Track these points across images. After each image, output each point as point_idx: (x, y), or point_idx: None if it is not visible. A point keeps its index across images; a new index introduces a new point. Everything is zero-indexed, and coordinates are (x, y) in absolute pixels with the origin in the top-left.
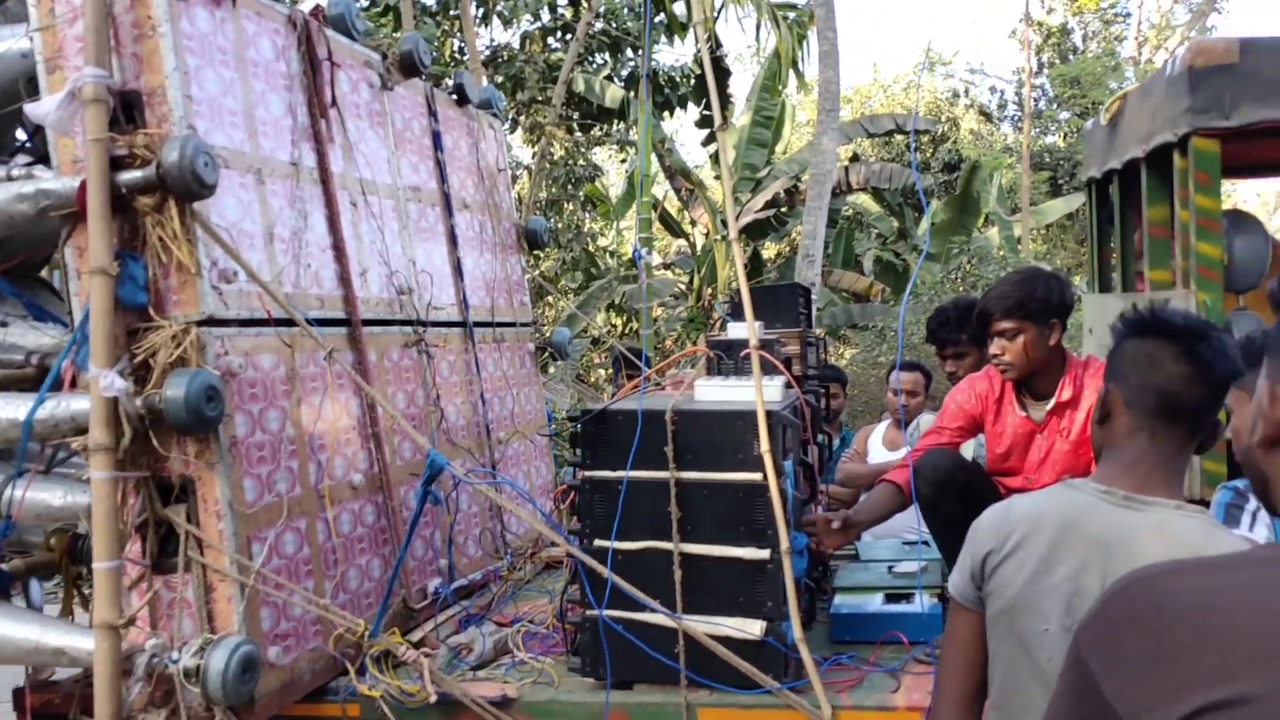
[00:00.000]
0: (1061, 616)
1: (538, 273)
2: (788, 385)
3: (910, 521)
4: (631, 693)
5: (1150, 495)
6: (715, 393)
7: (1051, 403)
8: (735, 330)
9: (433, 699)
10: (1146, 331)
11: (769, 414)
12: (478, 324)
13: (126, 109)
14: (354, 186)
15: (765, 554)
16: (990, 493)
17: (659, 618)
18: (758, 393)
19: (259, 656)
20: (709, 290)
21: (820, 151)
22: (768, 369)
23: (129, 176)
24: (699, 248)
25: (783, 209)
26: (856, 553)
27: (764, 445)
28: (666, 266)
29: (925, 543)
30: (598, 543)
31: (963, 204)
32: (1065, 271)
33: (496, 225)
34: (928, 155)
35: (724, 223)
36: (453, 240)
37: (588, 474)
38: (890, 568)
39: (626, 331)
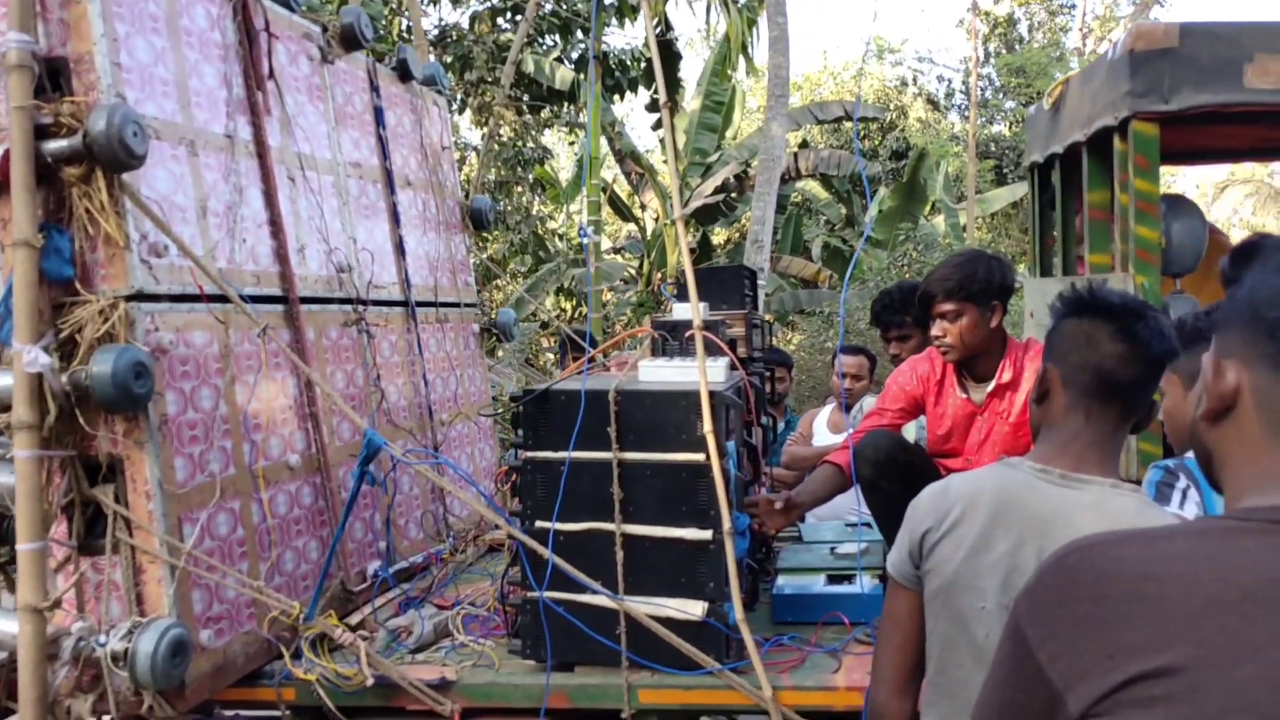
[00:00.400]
0: (998, 593)
1: (485, 256)
2: (732, 367)
3: (853, 503)
4: (572, 674)
5: (1086, 474)
6: (659, 373)
7: (992, 385)
8: (680, 311)
9: (370, 682)
10: (1084, 311)
11: (712, 394)
12: (420, 304)
13: (52, 76)
14: (292, 161)
15: (707, 535)
16: (931, 474)
17: (600, 599)
18: (701, 373)
19: (190, 640)
20: (658, 275)
21: (770, 137)
22: (712, 350)
23: (54, 146)
24: (649, 232)
25: (732, 194)
26: (800, 534)
27: (707, 426)
28: (616, 251)
29: (867, 524)
30: (539, 524)
31: (909, 191)
32: (1010, 258)
33: (440, 204)
34: (876, 143)
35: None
36: (395, 218)
37: (529, 455)
38: (833, 549)
39: (575, 316)
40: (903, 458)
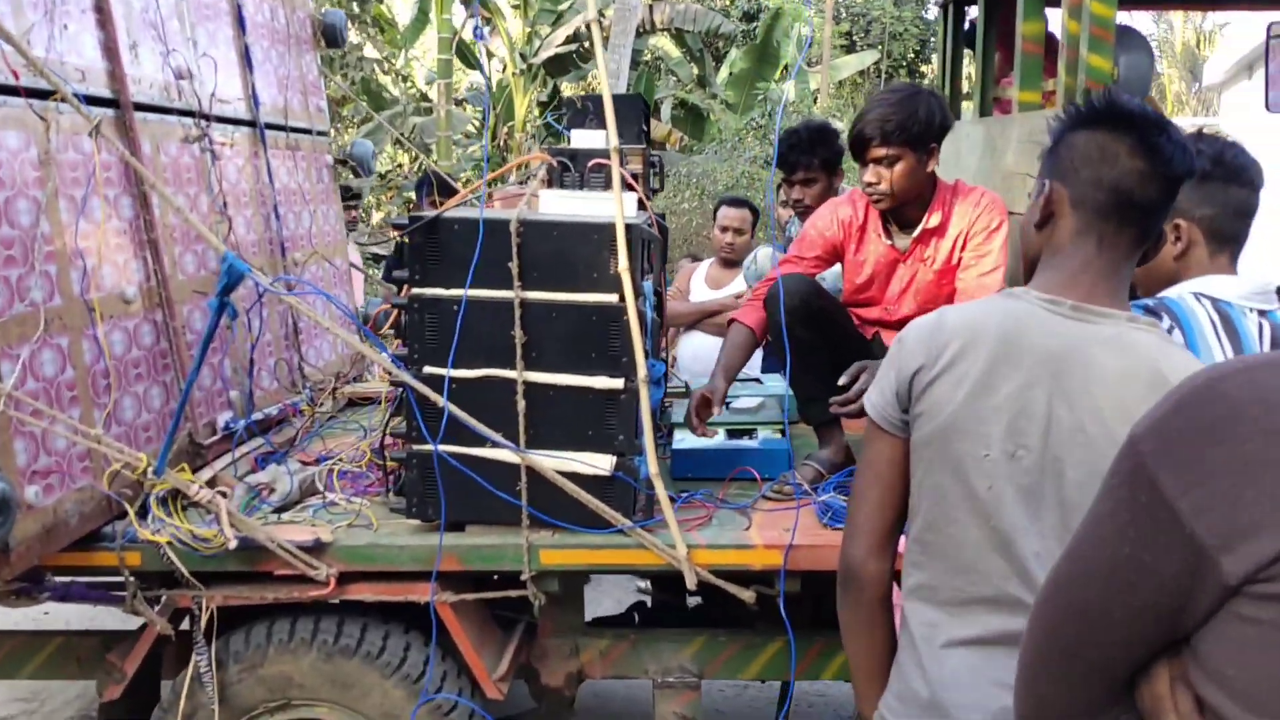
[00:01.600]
0: (1004, 440)
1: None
2: (640, 204)
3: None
4: (464, 535)
5: (1099, 305)
6: (563, 205)
7: (918, 230)
8: (582, 139)
9: (232, 544)
10: (1099, 121)
11: (629, 228)
12: (269, 126)
13: None
14: None
15: (619, 383)
16: (847, 323)
17: (496, 453)
18: (617, 204)
19: (14, 495)
20: (505, 129)
21: None
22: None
23: None
24: (495, 83)
25: (585, 44)
26: (687, 389)
27: (622, 263)
28: (458, 103)
29: (757, 379)
30: (428, 369)
31: (761, 54)
32: None
33: (290, 14)
34: (728, 1)
35: (522, 55)
36: (239, 23)
37: (417, 291)
38: (727, 404)
39: (415, 170)
40: (818, 304)
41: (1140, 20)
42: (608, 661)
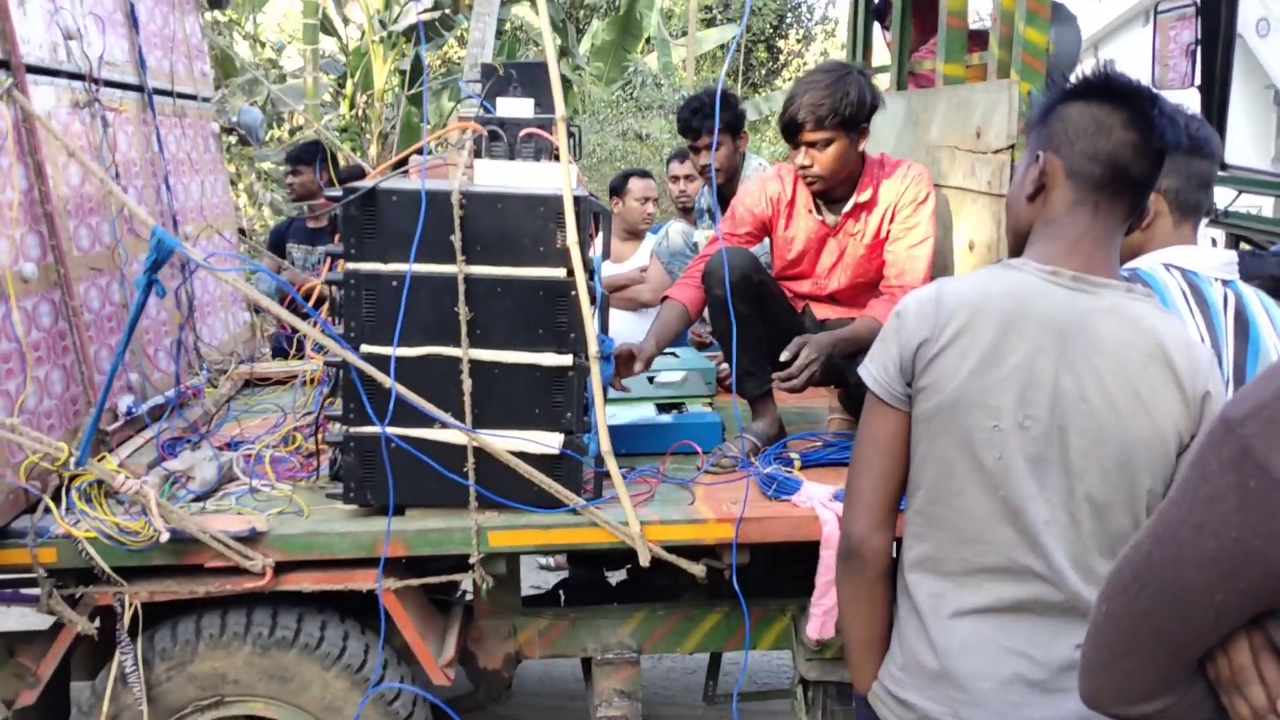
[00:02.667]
0: (1013, 411)
1: None
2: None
3: (638, 333)
4: (405, 519)
5: (1096, 275)
6: (501, 175)
7: (849, 205)
8: (508, 108)
9: (164, 537)
10: (1093, 93)
11: (578, 200)
12: (158, 91)
13: None
14: None
15: (567, 360)
16: (781, 296)
17: (440, 433)
18: (564, 174)
19: None
20: (364, 98)
21: None
22: (550, 154)
23: None
24: (350, 50)
25: (447, 11)
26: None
27: (571, 236)
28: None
29: (674, 354)
30: (365, 348)
31: (625, 26)
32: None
33: None
34: None
35: (382, 22)
36: None
37: (353, 266)
38: (651, 378)
39: (269, 140)
40: (756, 278)
41: None
42: (546, 641)
